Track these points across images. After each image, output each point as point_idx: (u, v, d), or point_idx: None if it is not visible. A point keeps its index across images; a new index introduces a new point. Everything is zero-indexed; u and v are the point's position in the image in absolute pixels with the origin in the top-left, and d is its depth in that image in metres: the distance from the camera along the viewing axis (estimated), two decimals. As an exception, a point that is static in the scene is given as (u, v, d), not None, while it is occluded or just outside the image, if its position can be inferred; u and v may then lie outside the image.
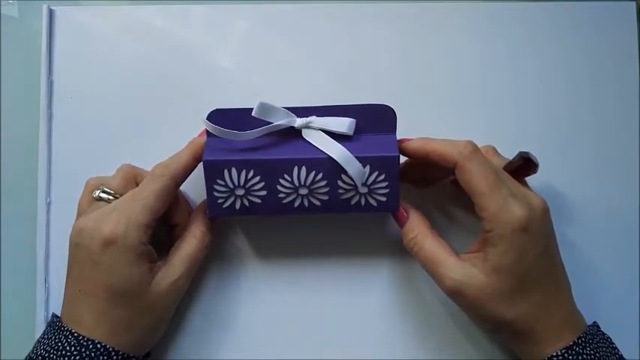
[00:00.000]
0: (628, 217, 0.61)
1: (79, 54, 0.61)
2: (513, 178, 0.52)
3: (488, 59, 0.62)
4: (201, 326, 0.58)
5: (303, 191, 0.52)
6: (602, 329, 0.52)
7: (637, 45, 0.62)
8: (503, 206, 0.48)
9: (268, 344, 0.58)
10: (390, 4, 0.63)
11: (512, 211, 0.48)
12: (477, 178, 0.49)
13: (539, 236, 0.49)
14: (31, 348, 0.50)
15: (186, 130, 0.56)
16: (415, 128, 0.58)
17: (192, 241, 0.54)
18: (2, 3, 0.64)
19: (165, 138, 0.57)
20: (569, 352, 0.48)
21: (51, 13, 0.61)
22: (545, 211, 0.50)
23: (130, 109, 0.61)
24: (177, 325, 0.58)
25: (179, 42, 0.62)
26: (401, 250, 0.57)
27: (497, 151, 0.56)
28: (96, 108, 0.61)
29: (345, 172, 0.50)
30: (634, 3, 0.62)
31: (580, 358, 0.48)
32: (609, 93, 0.62)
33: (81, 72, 0.61)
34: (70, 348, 0.47)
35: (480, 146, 0.55)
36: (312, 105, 0.54)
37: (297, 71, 0.62)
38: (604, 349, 0.49)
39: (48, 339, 0.49)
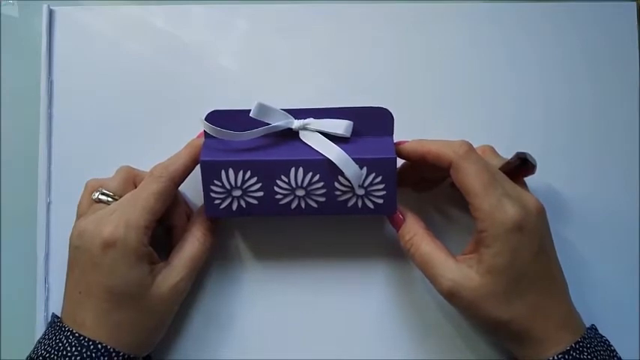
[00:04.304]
0: (628, 218, 0.60)
1: (79, 54, 0.62)
2: (511, 178, 0.52)
3: (488, 59, 0.62)
4: (202, 327, 0.59)
5: (300, 193, 0.52)
6: (601, 331, 0.52)
7: (637, 45, 0.62)
8: (496, 206, 0.48)
9: (268, 345, 0.59)
10: (390, 4, 0.63)
11: (506, 211, 0.48)
12: (471, 178, 0.49)
13: (533, 236, 0.49)
14: (31, 348, 0.51)
15: (186, 131, 0.56)
16: (415, 129, 0.59)
17: (194, 243, 0.54)
18: (2, 3, 0.64)
19: (166, 138, 0.57)
20: (566, 356, 0.48)
21: (51, 13, 0.61)
22: (540, 211, 0.50)
23: (130, 109, 0.61)
24: (178, 325, 0.58)
25: (179, 42, 0.62)
26: (398, 252, 0.58)
27: (495, 151, 0.56)
28: (96, 108, 0.61)
29: (342, 174, 0.51)
30: (634, 3, 0.62)
31: None
32: (609, 93, 0.61)
33: (81, 72, 0.61)
34: (71, 348, 0.48)
35: (478, 146, 0.56)
36: (311, 105, 0.54)
37: (296, 71, 0.62)
38: (602, 352, 0.49)
39: (49, 339, 0.49)
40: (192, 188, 0.59)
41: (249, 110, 0.51)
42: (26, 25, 0.64)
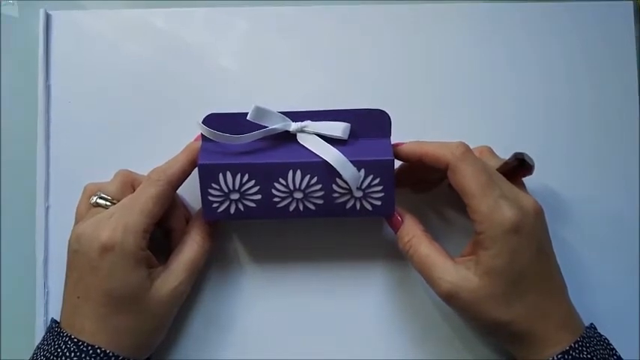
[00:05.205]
0: (628, 219, 0.60)
1: (77, 58, 0.62)
2: (509, 179, 0.52)
3: (488, 59, 0.62)
4: (202, 328, 0.59)
5: (298, 195, 0.52)
6: (601, 331, 0.52)
7: (635, 44, 0.62)
8: (494, 208, 0.48)
9: (267, 346, 0.59)
10: (390, 4, 0.62)
11: (503, 213, 0.48)
12: (468, 180, 0.49)
13: (531, 238, 0.49)
14: (30, 353, 0.51)
15: (186, 132, 0.56)
16: (415, 129, 0.59)
17: (193, 246, 0.54)
18: (2, 3, 0.64)
19: (165, 140, 0.58)
20: (566, 356, 0.48)
21: (48, 17, 0.61)
22: (538, 212, 0.50)
23: (129, 112, 0.61)
24: (178, 327, 0.58)
25: (179, 43, 0.62)
26: (397, 253, 0.58)
27: (492, 152, 0.56)
28: (94, 112, 0.61)
29: (340, 176, 0.51)
30: (632, 3, 0.62)
31: None
32: (608, 92, 0.61)
33: (79, 75, 0.61)
34: (70, 354, 0.47)
35: (476, 146, 0.56)
36: (311, 105, 0.54)
37: (296, 72, 0.62)
38: (601, 350, 0.49)
39: (47, 345, 0.49)
40: (190, 192, 0.59)
41: (247, 113, 0.51)
42: (26, 25, 0.64)
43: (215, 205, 0.52)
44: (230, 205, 0.52)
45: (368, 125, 0.53)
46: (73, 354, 0.47)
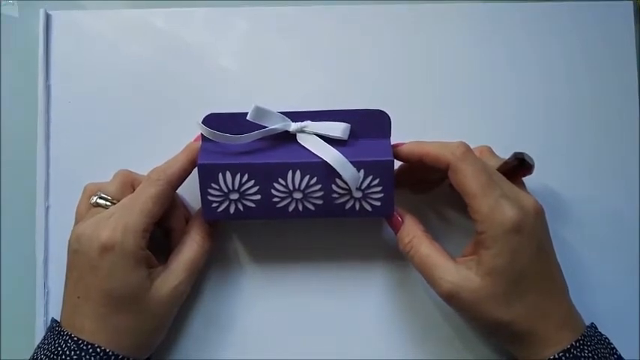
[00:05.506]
0: (628, 218, 0.60)
1: (77, 58, 0.62)
2: (509, 178, 0.51)
3: (488, 59, 0.62)
4: (202, 328, 0.59)
5: (298, 195, 0.52)
6: (601, 330, 0.52)
7: (635, 44, 0.62)
8: (495, 207, 0.48)
9: (267, 346, 0.59)
10: (390, 4, 0.62)
11: (504, 213, 0.48)
12: (469, 179, 0.49)
13: (532, 237, 0.49)
14: (30, 353, 0.51)
15: (186, 132, 0.56)
16: (415, 129, 0.59)
17: (192, 246, 0.54)
18: (2, 3, 0.64)
19: (165, 140, 0.57)
20: (567, 354, 0.48)
21: (48, 17, 0.61)
22: (538, 211, 0.50)
23: (129, 112, 0.61)
24: (178, 327, 0.58)
25: (179, 43, 0.62)
26: (397, 254, 0.57)
27: (492, 152, 0.56)
28: (94, 112, 0.61)
29: (340, 177, 0.51)
30: (632, 3, 0.62)
31: None
32: (608, 92, 0.61)
33: (79, 75, 0.61)
34: (70, 353, 0.48)
35: (476, 146, 0.56)
36: (311, 105, 0.54)
37: (296, 72, 0.62)
38: (602, 349, 0.49)
39: (48, 344, 0.49)
40: (190, 192, 0.59)
41: (247, 113, 0.51)
42: (25, 27, 0.64)
43: (215, 205, 0.52)
44: (230, 205, 0.52)
45: (368, 125, 0.53)
46: (73, 353, 0.48)
